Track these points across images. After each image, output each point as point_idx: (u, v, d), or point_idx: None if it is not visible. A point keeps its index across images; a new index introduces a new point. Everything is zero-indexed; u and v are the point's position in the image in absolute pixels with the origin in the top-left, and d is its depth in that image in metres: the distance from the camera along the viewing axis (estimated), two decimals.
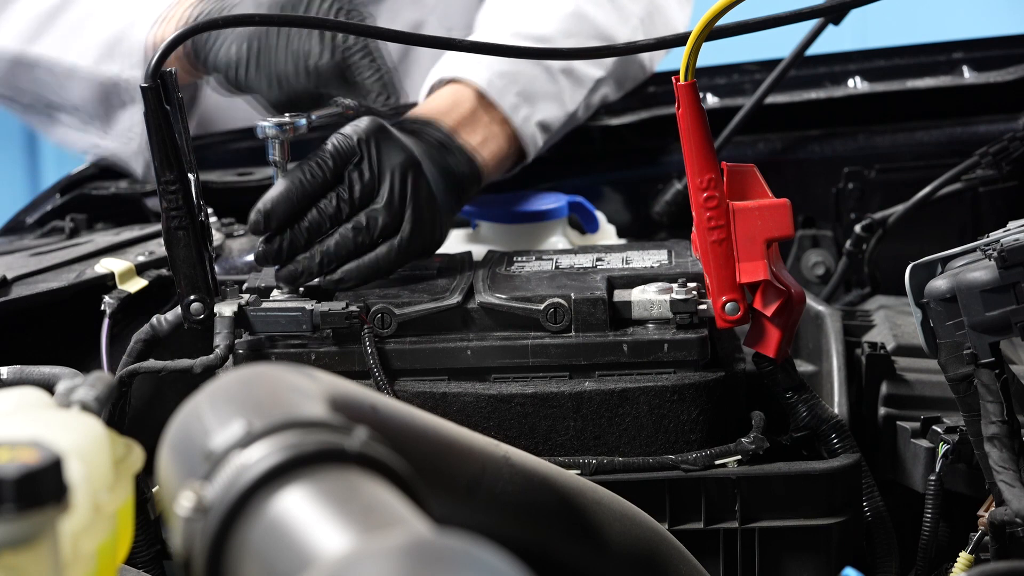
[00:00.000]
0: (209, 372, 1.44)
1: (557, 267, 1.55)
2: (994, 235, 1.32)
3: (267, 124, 1.55)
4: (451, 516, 1.11)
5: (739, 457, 1.42)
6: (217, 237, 1.81)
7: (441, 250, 1.64)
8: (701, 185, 1.40)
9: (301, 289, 1.52)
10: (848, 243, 1.90)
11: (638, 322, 1.47)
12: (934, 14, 4.01)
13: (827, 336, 1.66)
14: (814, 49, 1.97)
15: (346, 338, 1.46)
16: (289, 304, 1.48)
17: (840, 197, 2.00)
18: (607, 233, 1.84)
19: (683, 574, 1.29)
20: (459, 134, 1.70)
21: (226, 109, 2.08)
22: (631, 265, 1.55)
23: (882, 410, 1.61)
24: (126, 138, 1.94)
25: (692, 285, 1.47)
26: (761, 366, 1.45)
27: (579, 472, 1.40)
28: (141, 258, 1.71)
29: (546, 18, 1.94)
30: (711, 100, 2.02)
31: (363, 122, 1.57)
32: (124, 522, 0.99)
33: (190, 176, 1.44)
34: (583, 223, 1.82)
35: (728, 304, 1.42)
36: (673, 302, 1.46)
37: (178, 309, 1.48)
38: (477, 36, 1.92)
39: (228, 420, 0.92)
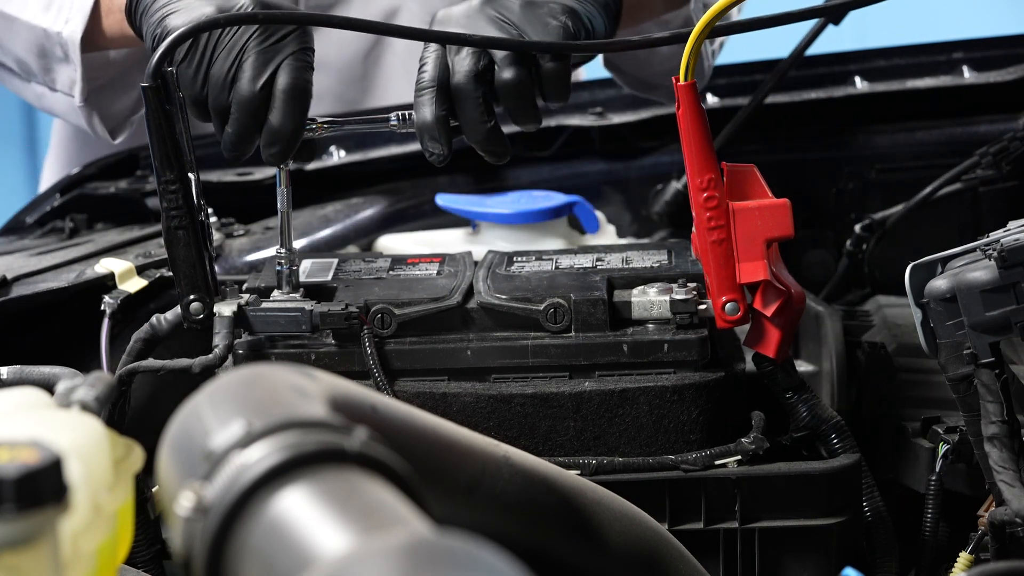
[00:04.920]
0: (208, 372, 1.44)
1: (557, 267, 1.55)
2: (994, 235, 1.33)
3: None
4: (451, 516, 1.12)
5: (739, 457, 1.42)
6: (217, 237, 1.81)
7: (441, 250, 1.64)
8: (701, 185, 1.40)
9: (302, 289, 1.52)
10: (848, 243, 1.90)
11: (638, 322, 1.47)
12: (934, 14, 4.01)
13: (827, 336, 1.66)
14: (814, 49, 1.97)
15: (346, 338, 1.46)
16: (289, 304, 1.48)
17: (840, 197, 2.00)
18: (607, 233, 1.84)
19: (683, 574, 1.29)
20: None
21: None
22: (631, 265, 1.55)
23: (882, 410, 1.61)
24: (67, 97, 1.86)
25: (692, 285, 1.47)
26: (761, 366, 1.45)
27: (579, 472, 1.40)
28: (141, 258, 1.71)
29: None
30: (711, 100, 2.02)
31: None
32: (124, 522, 0.99)
33: (190, 176, 1.44)
34: (583, 223, 1.82)
35: (728, 304, 1.42)
36: (673, 302, 1.46)
37: (178, 309, 1.48)
38: None
39: (228, 420, 0.92)
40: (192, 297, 1.46)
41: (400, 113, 1.53)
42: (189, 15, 1.53)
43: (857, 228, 1.89)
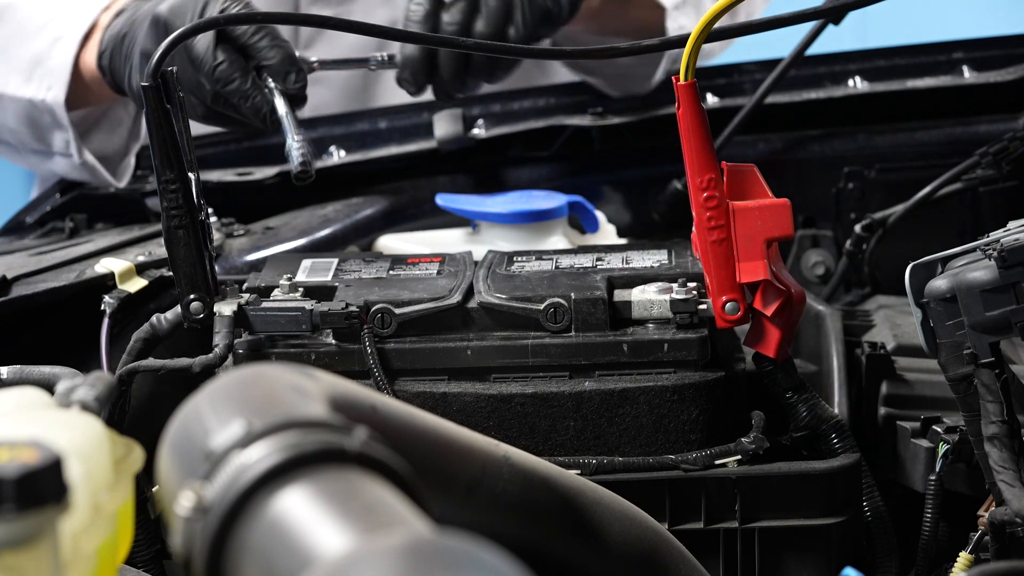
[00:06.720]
0: (208, 371, 1.44)
1: (557, 267, 1.55)
2: (994, 235, 1.33)
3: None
4: (451, 516, 1.11)
5: (739, 457, 1.42)
6: (217, 237, 1.81)
7: (441, 250, 1.64)
8: (701, 185, 1.40)
9: (301, 289, 1.52)
10: (848, 243, 1.90)
11: (638, 322, 1.47)
12: (934, 14, 4.01)
13: (827, 336, 1.66)
14: (814, 49, 1.97)
15: (346, 338, 1.46)
16: (289, 304, 1.48)
17: (840, 197, 2.00)
18: (607, 233, 1.83)
19: (683, 574, 1.29)
20: None
21: None
22: (631, 265, 1.55)
23: (882, 410, 1.61)
24: (66, 157, 1.96)
25: (692, 285, 1.47)
26: (761, 366, 1.45)
27: (579, 472, 1.40)
28: (141, 258, 1.71)
29: None
30: (711, 100, 2.02)
31: None
32: (124, 522, 0.99)
33: (190, 175, 1.44)
34: (583, 223, 1.82)
35: (728, 304, 1.42)
36: (673, 302, 1.46)
37: (178, 308, 1.48)
38: None
39: (228, 420, 0.92)
40: (192, 297, 1.46)
41: (380, 56, 1.78)
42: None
43: (857, 228, 1.88)
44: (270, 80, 1.69)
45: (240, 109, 1.70)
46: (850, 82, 2.03)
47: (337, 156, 2.01)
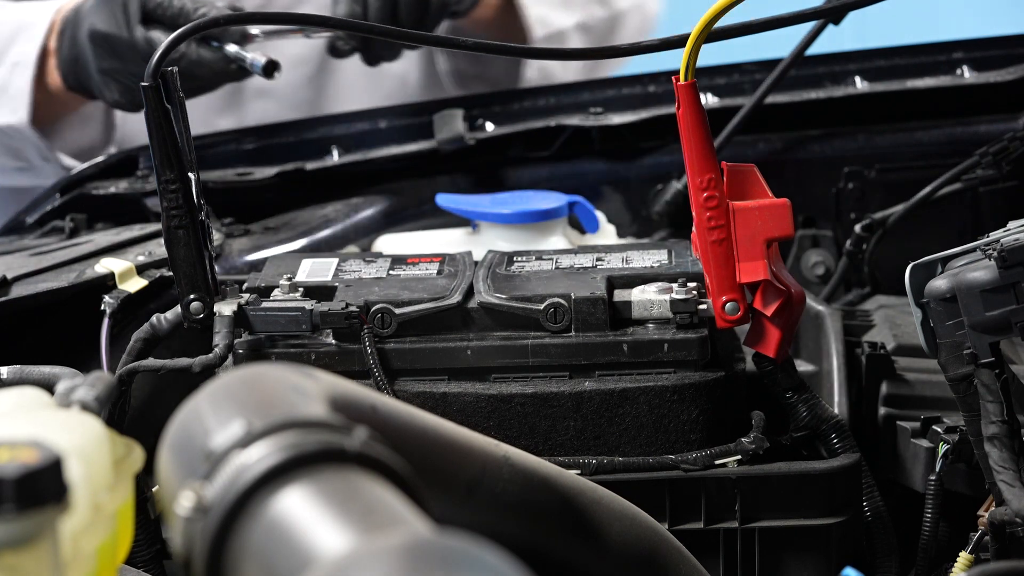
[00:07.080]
0: (208, 371, 1.44)
1: (557, 267, 1.55)
2: (994, 235, 1.33)
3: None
4: (451, 516, 1.12)
5: (739, 457, 1.42)
6: (217, 237, 1.81)
7: (441, 250, 1.64)
8: (701, 185, 1.40)
9: (301, 289, 1.52)
10: (848, 243, 1.90)
11: (638, 322, 1.47)
12: (934, 14, 4.01)
13: (827, 336, 1.66)
14: (814, 49, 1.97)
15: (346, 338, 1.46)
16: (289, 304, 1.48)
17: (840, 197, 2.00)
18: (607, 233, 1.84)
19: (683, 574, 1.29)
20: None
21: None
22: (631, 265, 1.55)
23: (882, 410, 1.61)
24: (47, 163, 2.10)
25: (692, 285, 1.47)
26: (761, 366, 1.45)
27: (579, 472, 1.40)
28: (141, 258, 1.71)
29: None
30: (711, 100, 2.02)
31: None
32: (124, 522, 0.99)
33: (190, 176, 1.44)
34: (583, 223, 1.82)
35: (728, 304, 1.42)
36: (673, 302, 1.46)
37: (178, 308, 1.48)
38: None
39: (228, 420, 0.92)
40: (192, 296, 1.46)
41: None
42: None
43: (857, 228, 1.88)
44: (213, 43, 1.81)
45: (205, 77, 1.76)
46: (850, 82, 2.03)
47: (337, 156, 2.01)
